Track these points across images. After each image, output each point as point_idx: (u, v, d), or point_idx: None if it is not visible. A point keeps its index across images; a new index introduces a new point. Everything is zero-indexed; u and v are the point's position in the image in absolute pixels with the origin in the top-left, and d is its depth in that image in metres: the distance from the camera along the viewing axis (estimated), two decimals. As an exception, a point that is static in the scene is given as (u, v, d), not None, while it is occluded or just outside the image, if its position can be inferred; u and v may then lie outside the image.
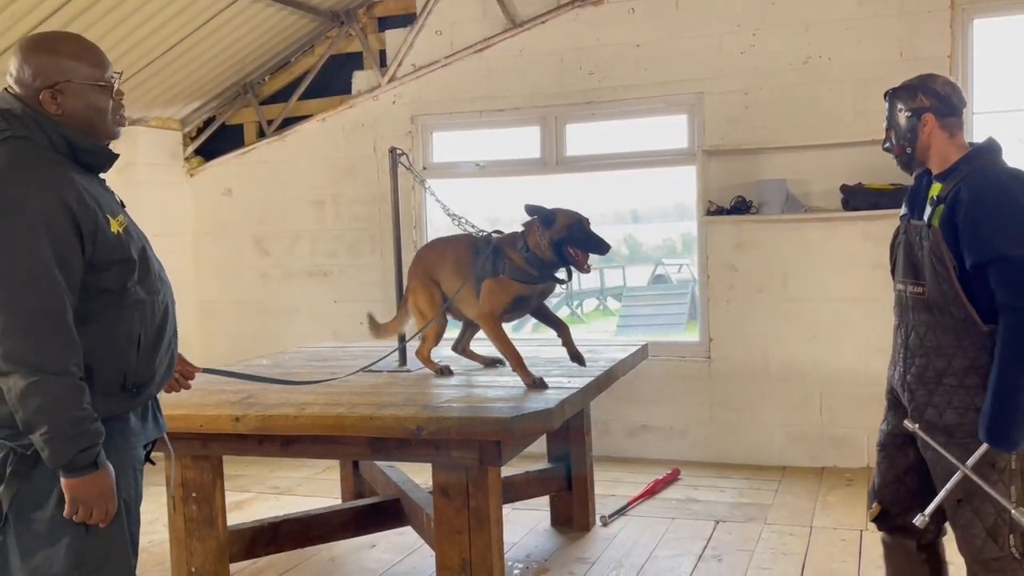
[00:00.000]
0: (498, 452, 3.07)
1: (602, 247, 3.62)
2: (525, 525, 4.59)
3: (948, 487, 2.51)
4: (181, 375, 2.53)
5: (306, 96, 6.57)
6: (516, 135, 6.19)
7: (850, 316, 5.31)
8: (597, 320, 15.18)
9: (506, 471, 3.60)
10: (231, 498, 3.92)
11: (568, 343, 3.77)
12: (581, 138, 6.01)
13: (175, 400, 2.64)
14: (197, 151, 6.85)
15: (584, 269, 3.66)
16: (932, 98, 2.59)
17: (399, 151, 4.22)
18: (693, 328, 10.52)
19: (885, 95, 2.72)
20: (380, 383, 3.72)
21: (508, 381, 3.63)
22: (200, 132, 6.85)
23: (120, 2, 5.02)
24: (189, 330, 5.98)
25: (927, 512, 2.53)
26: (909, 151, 2.65)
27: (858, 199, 5.16)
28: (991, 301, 2.43)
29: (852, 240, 5.29)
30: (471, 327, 4.06)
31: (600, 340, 7.72)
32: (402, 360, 4.11)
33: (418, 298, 3.93)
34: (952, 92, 2.62)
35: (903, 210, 2.74)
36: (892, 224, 2.81)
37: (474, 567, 3.15)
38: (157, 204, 6.41)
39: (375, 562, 4.22)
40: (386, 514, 4.08)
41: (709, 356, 5.70)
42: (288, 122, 6.62)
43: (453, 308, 3.92)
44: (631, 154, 6.01)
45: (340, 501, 4.71)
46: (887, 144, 2.73)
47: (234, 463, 4.91)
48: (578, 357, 3.75)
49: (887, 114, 2.70)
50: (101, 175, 2.25)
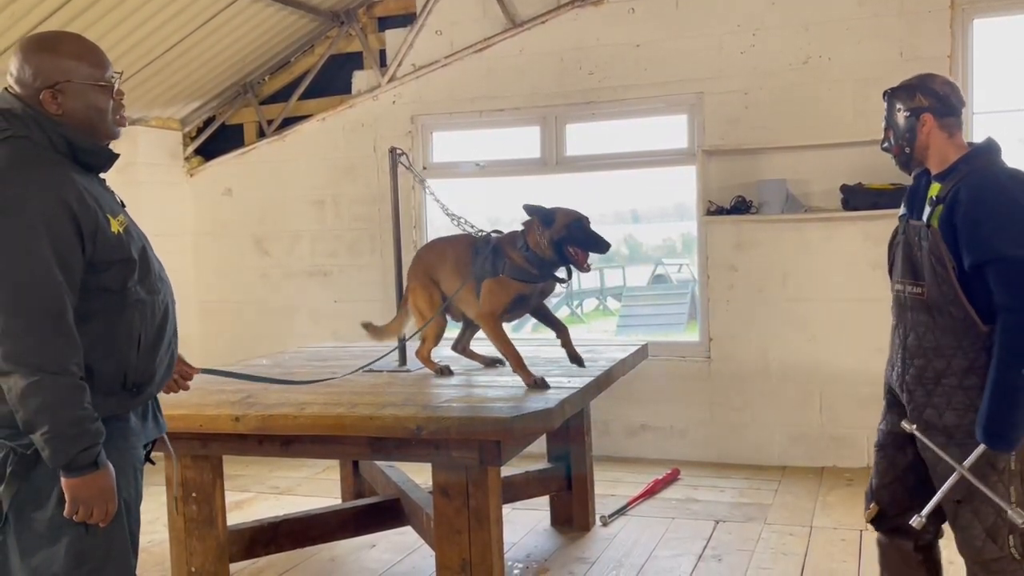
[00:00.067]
0: (498, 452, 3.07)
1: (602, 245, 3.63)
2: (525, 525, 4.59)
3: (944, 488, 2.51)
4: (180, 376, 2.53)
5: (306, 96, 6.57)
6: (516, 135, 6.19)
7: (850, 316, 5.31)
8: (597, 320, 15.18)
9: (506, 471, 3.60)
10: (231, 498, 3.92)
11: (567, 344, 3.77)
12: (581, 138, 6.01)
13: (175, 400, 2.64)
14: (197, 151, 6.85)
15: (584, 268, 3.66)
16: (931, 98, 2.59)
17: (399, 151, 4.22)
18: (693, 328, 10.52)
19: (884, 95, 2.71)
20: (380, 383, 3.72)
21: (508, 381, 3.63)
22: (200, 132, 6.86)
23: (120, 2, 5.02)
24: (189, 330, 5.98)
25: (923, 513, 2.53)
26: (908, 151, 2.64)
27: (858, 199, 5.16)
28: (990, 301, 2.43)
29: (852, 240, 5.29)
30: (471, 327, 4.06)
31: (600, 340, 7.72)
32: (402, 360, 4.11)
33: (418, 298, 3.93)
34: (951, 92, 2.61)
35: (902, 210, 2.73)
36: (892, 224, 2.80)
37: (474, 567, 3.15)
38: (157, 204, 6.40)
39: (375, 562, 4.23)
40: (386, 514, 4.08)
41: (709, 356, 5.70)
42: (288, 122, 6.62)
43: (452, 308, 3.92)
44: (631, 154, 6.01)
45: (340, 501, 4.71)
46: (885, 144, 2.72)
47: (234, 463, 4.92)
48: (577, 359, 3.75)
49: (886, 114, 2.70)
50: (101, 175, 2.25)
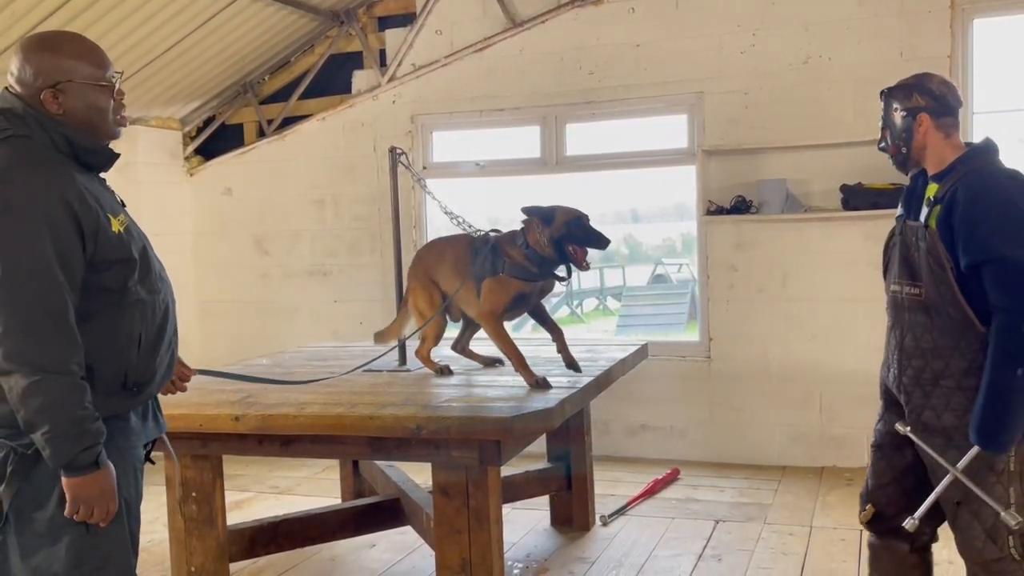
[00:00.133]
0: (498, 452, 3.07)
1: (602, 241, 3.62)
2: (525, 525, 4.59)
3: (938, 490, 2.51)
4: (177, 377, 2.52)
5: (306, 96, 6.57)
6: (516, 135, 6.19)
7: (850, 316, 5.31)
8: (597, 320, 15.17)
9: (506, 471, 3.60)
10: (231, 498, 3.92)
11: (563, 349, 3.74)
12: (581, 138, 6.01)
13: (175, 400, 2.64)
14: (197, 150, 6.85)
15: (583, 267, 3.66)
16: (928, 98, 2.58)
17: (399, 151, 4.21)
18: (693, 328, 10.53)
19: (881, 94, 2.70)
20: (380, 383, 3.72)
21: (508, 381, 3.63)
22: (200, 131, 6.85)
23: (120, 2, 5.02)
24: (189, 330, 5.98)
25: (917, 515, 2.52)
26: (904, 151, 2.63)
27: (858, 199, 5.16)
28: (988, 302, 2.42)
29: (852, 240, 5.29)
30: (471, 327, 4.06)
31: (600, 340, 7.73)
32: (402, 360, 4.11)
33: (417, 299, 3.93)
34: (948, 92, 2.60)
35: (899, 211, 2.72)
36: (892, 224, 2.79)
37: (474, 567, 3.15)
38: (157, 204, 6.40)
39: (375, 562, 4.23)
40: (386, 514, 4.08)
41: (709, 356, 5.70)
42: (288, 121, 6.62)
43: (452, 308, 3.92)
44: (631, 154, 6.01)
45: (340, 501, 4.71)
46: (882, 144, 2.70)
47: (234, 463, 4.91)
48: (573, 364, 3.70)
49: (883, 113, 2.68)
50: (101, 174, 2.25)
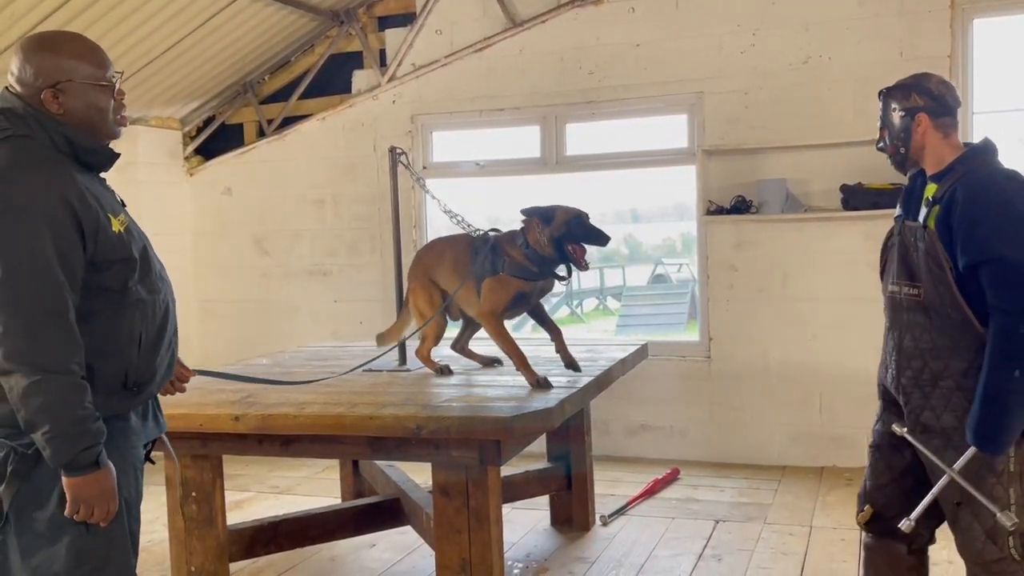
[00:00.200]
0: (498, 451, 3.07)
1: (602, 238, 3.63)
2: (525, 524, 4.59)
3: (935, 491, 2.50)
4: (176, 378, 2.51)
5: (306, 95, 6.57)
6: (516, 135, 6.19)
7: (850, 316, 5.31)
8: (597, 320, 15.18)
9: (506, 470, 3.59)
10: (231, 497, 3.92)
11: (562, 349, 3.73)
12: (581, 138, 6.01)
13: (175, 400, 2.64)
14: (197, 150, 6.85)
15: (583, 267, 3.66)
16: (926, 98, 2.57)
17: (399, 150, 4.21)
18: (693, 328, 10.53)
19: (879, 94, 2.69)
20: (380, 383, 3.72)
21: (508, 380, 3.63)
22: (200, 131, 6.85)
23: (120, 1, 5.02)
24: (189, 330, 5.98)
25: (912, 516, 2.52)
26: (903, 151, 2.62)
27: (858, 199, 5.16)
28: (987, 302, 2.41)
29: (852, 240, 5.28)
30: (471, 326, 4.06)
31: (600, 340, 7.73)
32: (402, 359, 4.11)
33: (418, 299, 3.93)
34: (947, 92, 2.59)
35: (897, 211, 2.71)
36: (892, 224, 2.79)
37: (474, 566, 3.15)
38: (157, 203, 6.40)
39: (375, 561, 4.23)
40: (386, 514, 4.08)
41: (709, 356, 5.70)
42: (288, 121, 6.62)
43: (452, 308, 3.92)
44: (631, 154, 6.01)
45: (340, 501, 4.71)
46: (881, 144, 2.70)
47: (234, 462, 4.91)
48: (573, 364, 3.70)
49: (881, 113, 2.68)
50: (102, 174, 2.25)
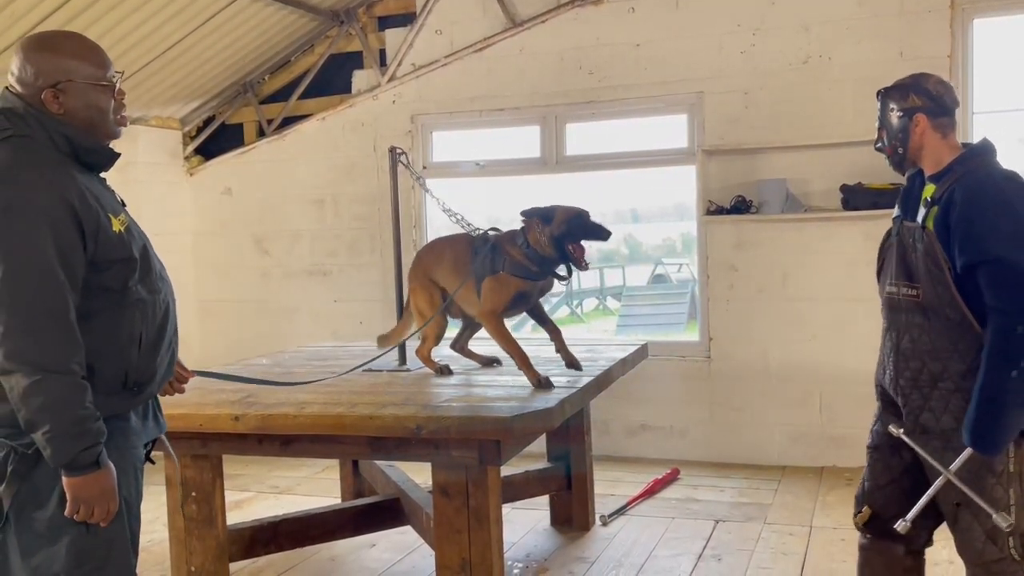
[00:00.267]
0: (498, 451, 3.07)
1: (603, 233, 3.62)
2: (525, 524, 4.59)
3: (931, 492, 2.50)
4: (175, 379, 2.49)
5: (306, 95, 6.57)
6: (516, 135, 6.19)
7: (850, 316, 5.31)
8: (597, 320, 15.18)
9: (506, 470, 3.60)
10: (231, 497, 3.91)
11: (562, 349, 3.74)
12: (581, 138, 6.01)
13: (175, 400, 2.64)
14: (197, 150, 6.85)
15: (583, 266, 3.65)
16: (924, 98, 2.56)
17: (399, 150, 4.21)
18: (693, 328, 10.53)
19: (877, 94, 2.68)
20: (380, 382, 3.72)
21: (508, 380, 3.63)
22: (200, 131, 6.85)
23: (120, 1, 5.02)
24: (189, 330, 5.98)
25: (908, 517, 2.51)
26: (901, 151, 2.62)
27: (858, 199, 5.17)
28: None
29: (852, 240, 5.28)
30: (471, 326, 4.06)
31: (600, 340, 7.73)
32: (402, 359, 4.11)
33: (418, 299, 3.93)
34: (945, 92, 2.58)
35: (895, 211, 2.70)
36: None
37: (474, 566, 3.15)
38: (157, 203, 6.40)
39: (375, 561, 4.23)
40: (386, 513, 4.08)
41: (709, 356, 5.70)
42: (288, 121, 6.62)
43: (453, 307, 3.92)
44: (631, 154, 6.01)
45: (340, 500, 4.71)
46: (879, 144, 2.69)
47: (234, 462, 4.91)
48: (574, 363, 3.71)
49: (879, 113, 2.67)
50: (102, 174, 2.25)
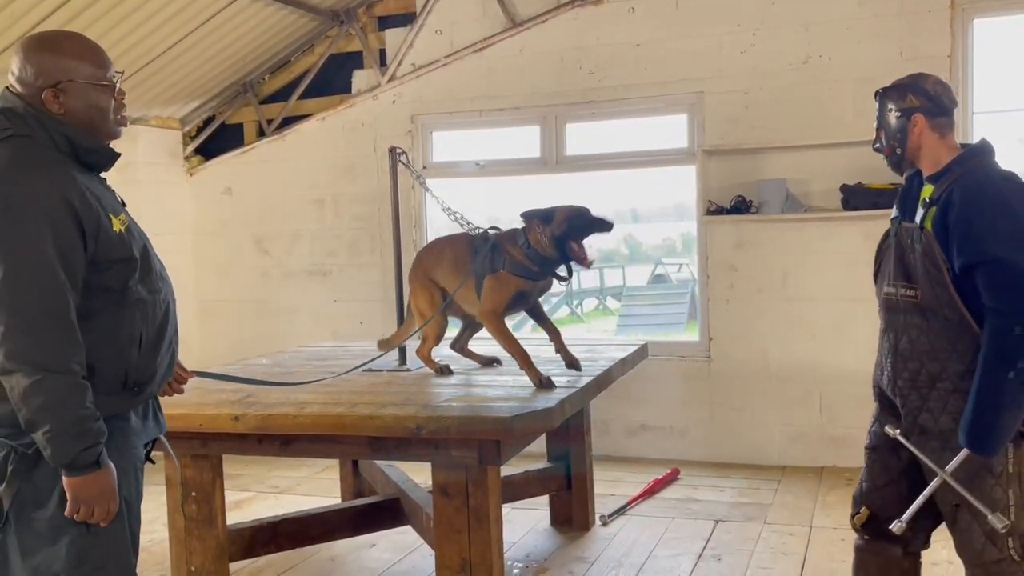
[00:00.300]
0: (498, 451, 3.07)
1: (605, 225, 3.59)
2: (525, 524, 4.59)
3: (926, 493, 2.50)
4: (174, 379, 2.49)
5: (306, 95, 6.57)
6: (516, 134, 6.19)
7: (850, 316, 5.31)
8: (597, 320, 15.18)
9: (505, 470, 3.59)
10: (230, 497, 3.91)
11: (561, 349, 3.74)
12: (581, 138, 6.01)
13: (175, 399, 2.64)
14: (197, 150, 6.85)
15: (587, 264, 3.63)
16: (922, 98, 2.56)
17: (399, 150, 4.21)
18: (693, 328, 10.53)
19: (875, 95, 2.68)
20: (380, 382, 3.72)
21: (508, 380, 3.63)
22: (200, 131, 6.85)
23: (120, 1, 5.02)
24: (189, 330, 5.98)
25: (904, 518, 2.51)
26: (899, 151, 2.61)
27: (858, 199, 5.17)
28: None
29: (852, 240, 5.28)
30: (471, 327, 4.06)
31: (600, 340, 7.74)
32: (402, 360, 4.11)
33: (418, 299, 3.93)
34: (943, 92, 2.58)
35: (894, 212, 2.70)
36: (893, 224, 2.78)
37: (474, 566, 3.15)
38: (157, 203, 6.40)
39: (375, 561, 4.23)
40: (386, 513, 4.08)
41: (709, 356, 5.70)
42: (288, 121, 6.62)
43: (454, 307, 3.91)
44: (631, 154, 6.01)
45: (340, 500, 4.71)
46: (877, 144, 2.69)
47: (234, 462, 4.91)
48: (574, 363, 3.70)
49: (877, 114, 2.66)
50: (102, 174, 2.25)
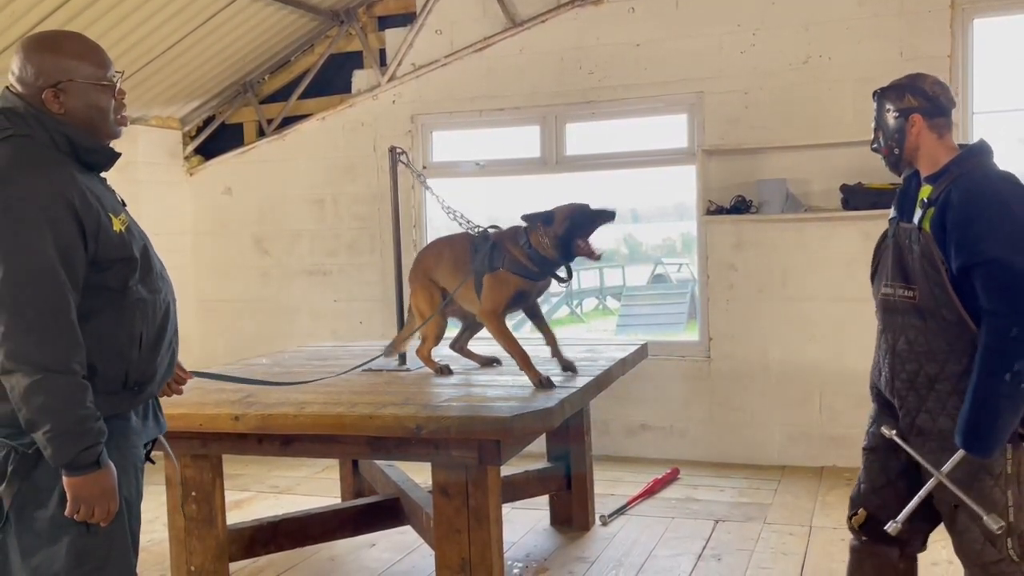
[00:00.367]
0: (498, 451, 3.07)
1: (607, 215, 3.57)
2: (525, 524, 4.59)
3: (922, 493, 2.50)
4: (173, 380, 2.48)
5: (306, 95, 6.57)
6: (516, 134, 6.19)
7: (850, 316, 5.31)
8: (597, 319, 15.18)
9: (505, 470, 3.59)
10: (230, 497, 3.91)
11: (557, 354, 3.73)
12: (581, 137, 6.01)
13: (175, 399, 2.63)
14: (197, 150, 6.85)
15: (596, 257, 3.61)
16: (920, 98, 2.55)
17: (399, 150, 4.21)
18: (693, 328, 10.53)
19: (873, 95, 2.68)
20: (380, 382, 3.72)
21: (508, 380, 3.63)
22: (200, 131, 6.85)
23: (120, 1, 5.02)
24: (189, 329, 5.98)
25: (900, 519, 2.51)
26: (897, 152, 2.61)
27: (858, 199, 5.17)
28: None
29: (852, 240, 5.28)
30: (471, 327, 4.06)
31: (600, 339, 7.73)
32: (402, 359, 4.10)
33: (418, 300, 3.94)
34: (941, 92, 2.58)
35: (891, 212, 2.69)
36: (893, 224, 2.78)
37: (474, 566, 3.15)
38: (157, 203, 6.40)
39: (375, 561, 4.23)
40: (385, 513, 4.08)
41: (709, 356, 5.70)
42: (288, 121, 6.62)
43: (454, 307, 3.91)
44: (631, 153, 6.01)
45: (340, 500, 4.71)
46: (875, 144, 2.68)
47: (233, 462, 4.91)
48: (570, 366, 3.70)
49: (875, 114, 2.66)
50: (102, 174, 2.25)
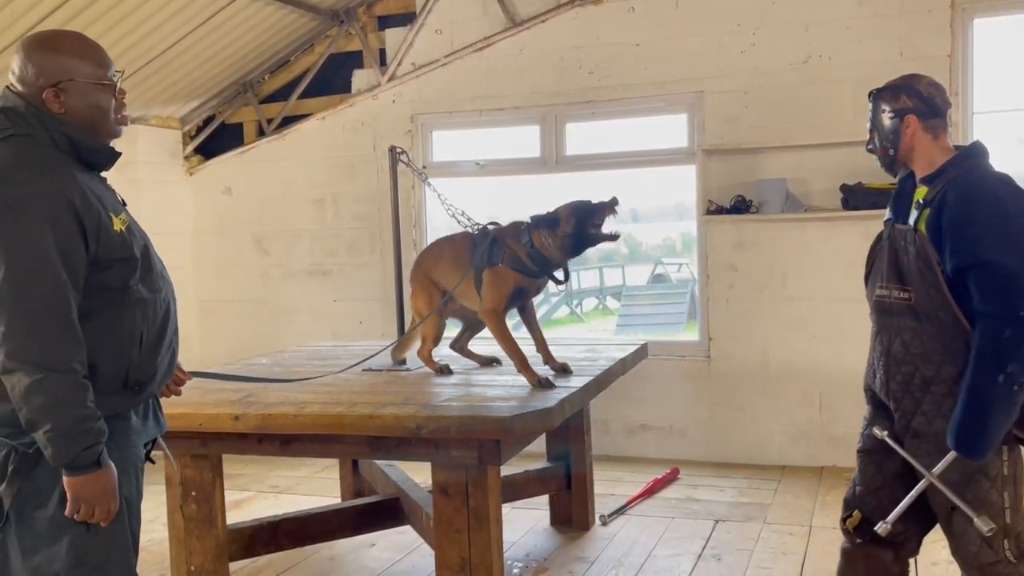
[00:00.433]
0: (497, 451, 3.07)
1: (609, 204, 3.53)
2: (524, 524, 4.59)
3: (912, 495, 2.50)
4: (172, 381, 2.47)
5: (306, 95, 6.57)
6: (516, 134, 6.19)
7: (850, 316, 5.29)
8: (597, 319, 15.18)
9: (505, 470, 3.59)
10: (230, 497, 3.92)
11: (550, 360, 3.71)
12: (581, 137, 6.02)
13: (175, 399, 2.63)
14: (197, 150, 6.85)
15: (614, 238, 3.55)
16: (915, 99, 2.55)
17: (399, 149, 4.21)
18: (693, 327, 10.53)
19: (869, 95, 2.68)
20: (380, 382, 3.72)
21: (508, 380, 3.63)
22: (200, 131, 6.85)
23: (119, 1, 5.02)
24: (189, 329, 5.98)
25: (890, 519, 2.51)
26: (892, 153, 2.61)
27: (858, 199, 5.17)
28: None
29: (852, 240, 5.27)
30: (471, 327, 4.06)
31: (600, 339, 7.74)
32: (401, 360, 4.10)
33: (418, 300, 3.94)
34: (936, 93, 2.57)
35: (887, 214, 2.69)
36: (892, 224, 2.78)
37: (473, 566, 3.15)
38: (157, 203, 6.40)
39: (374, 561, 4.23)
40: (385, 513, 4.08)
41: (709, 355, 5.70)
42: (288, 121, 6.62)
43: (454, 307, 3.91)
44: (631, 153, 6.01)
45: (339, 500, 4.71)
46: (870, 145, 2.68)
47: (233, 462, 4.91)
48: (564, 368, 3.68)
49: (871, 115, 2.66)
50: (102, 173, 2.25)
